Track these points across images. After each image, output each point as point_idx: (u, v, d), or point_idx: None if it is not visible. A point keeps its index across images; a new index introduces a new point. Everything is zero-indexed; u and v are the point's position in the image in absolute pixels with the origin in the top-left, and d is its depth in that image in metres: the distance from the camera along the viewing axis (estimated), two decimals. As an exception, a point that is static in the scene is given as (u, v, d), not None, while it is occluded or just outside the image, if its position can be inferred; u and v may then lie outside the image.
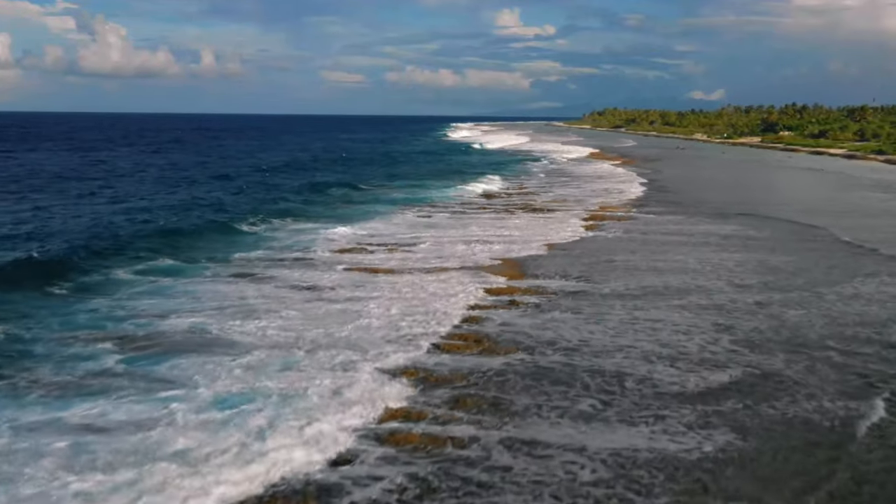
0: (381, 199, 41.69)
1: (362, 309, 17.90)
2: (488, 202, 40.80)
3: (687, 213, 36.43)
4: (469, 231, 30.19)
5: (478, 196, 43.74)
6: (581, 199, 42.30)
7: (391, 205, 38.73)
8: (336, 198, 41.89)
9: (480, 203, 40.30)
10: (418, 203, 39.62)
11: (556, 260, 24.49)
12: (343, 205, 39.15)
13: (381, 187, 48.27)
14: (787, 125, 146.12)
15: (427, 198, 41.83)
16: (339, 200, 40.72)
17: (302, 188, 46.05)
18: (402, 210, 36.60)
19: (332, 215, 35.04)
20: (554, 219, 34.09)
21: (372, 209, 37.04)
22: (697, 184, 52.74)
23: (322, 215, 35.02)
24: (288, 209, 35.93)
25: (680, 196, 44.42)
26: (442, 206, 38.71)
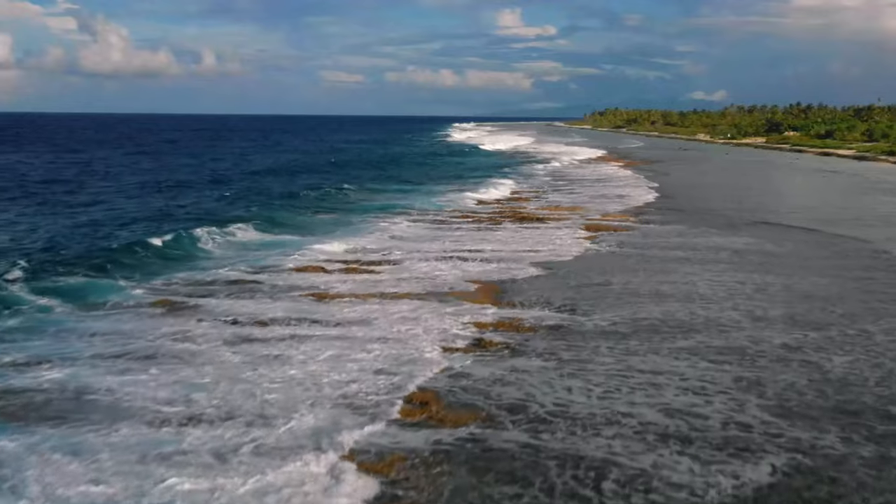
0: (363, 207, 37.86)
1: (289, 357, 14.20)
2: (479, 210, 37.01)
3: (692, 222, 32.67)
4: (449, 245, 26.47)
5: (469, 203, 39.91)
6: (579, 205, 38.55)
7: (372, 213, 34.99)
8: (314, 205, 38.08)
9: (470, 211, 36.50)
10: (403, 211, 35.86)
11: (540, 282, 20.75)
12: (321, 213, 35.35)
13: (368, 192, 44.39)
14: (792, 125, 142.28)
15: (412, 206, 38.03)
16: (316, 208, 36.89)
17: (283, 194, 42.23)
18: (382, 219, 32.84)
19: (303, 225, 31.40)
20: (547, 230, 30.34)
21: (348, 219, 33.30)
22: (703, 188, 48.98)
23: (291, 225, 31.40)
24: (257, 217, 32.15)
25: (684, 202, 40.66)
26: (427, 214, 34.89)
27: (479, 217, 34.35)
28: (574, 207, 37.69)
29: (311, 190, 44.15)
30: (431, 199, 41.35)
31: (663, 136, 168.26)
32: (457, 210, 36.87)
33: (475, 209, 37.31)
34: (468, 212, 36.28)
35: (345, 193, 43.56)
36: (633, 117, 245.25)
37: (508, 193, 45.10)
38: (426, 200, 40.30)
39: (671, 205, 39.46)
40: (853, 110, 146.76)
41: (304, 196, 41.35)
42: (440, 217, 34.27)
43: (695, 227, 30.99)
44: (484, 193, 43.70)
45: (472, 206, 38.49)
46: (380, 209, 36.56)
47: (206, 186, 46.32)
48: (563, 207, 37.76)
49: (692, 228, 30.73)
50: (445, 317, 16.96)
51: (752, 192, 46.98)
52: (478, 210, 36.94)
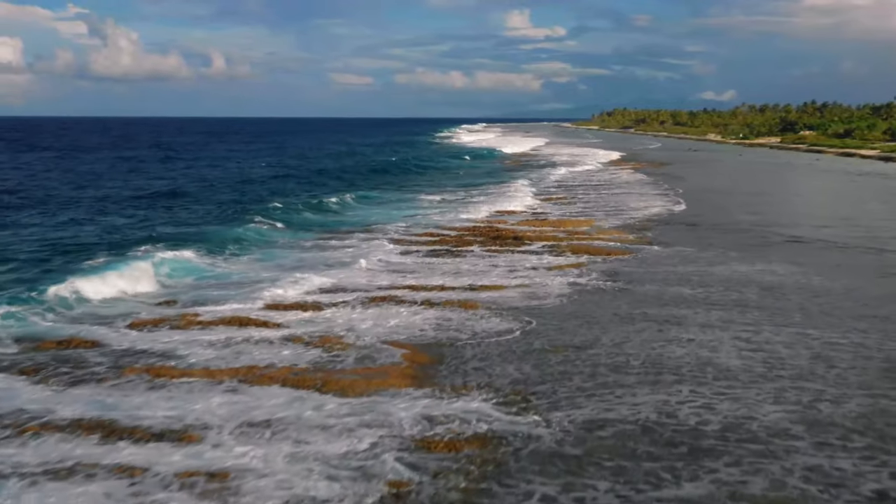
0: (317, 225, 31.46)
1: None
2: (451, 232, 30.71)
3: (707, 240, 26.28)
4: (392, 281, 20.24)
5: (447, 220, 33.45)
6: (569, 219, 32.21)
7: (336, 233, 28.75)
8: (256, 226, 31.47)
9: (443, 234, 30.19)
10: (374, 231, 29.62)
11: (490, 348, 14.43)
12: (258, 245, 28.18)
13: (339, 206, 37.80)
14: (807, 124, 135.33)
15: (389, 223, 31.65)
16: (258, 232, 30.14)
17: (224, 215, 34.09)
18: (328, 245, 26.63)
19: (232, 254, 24.66)
20: (529, 255, 24.04)
21: (298, 242, 27.14)
22: (717, 194, 42.48)
23: (214, 250, 24.76)
24: (170, 243, 25.37)
25: (697, 213, 34.24)
26: (388, 239, 28.58)
27: (445, 239, 28.02)
28: (562, 223, 31.32)
29: (282, 205, 37.36)
30: (398, 213, 35.09)
31: (672, 136, 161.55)
32: (429, 228, 30.55)
33: (451, 232, 30.98)
34: (448, 232, 29.94)
35: (316, 208, 36.87)
36: (642, 117, 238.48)
37: (502, 208, 38.76)
38: (397, 216, 34.01)
39: (681, 216, 33.06)
40: (871, 108, 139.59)
41: (257, 216, 34.28)
42: (402, 236, 28.04)
43: (710, 249, 24.61)
44: (465, 212, 37.00)
45: (452, 227, 32.17)
46: (337, 228, 30.31)
47: (144, 201, 39.90)
48: (548, 222, 31.38)
49: (706, 250, 24.35)
50: (316, 433, 10.64)
51: (775, 200, 40.49)
52: (460, 230, 30.58)
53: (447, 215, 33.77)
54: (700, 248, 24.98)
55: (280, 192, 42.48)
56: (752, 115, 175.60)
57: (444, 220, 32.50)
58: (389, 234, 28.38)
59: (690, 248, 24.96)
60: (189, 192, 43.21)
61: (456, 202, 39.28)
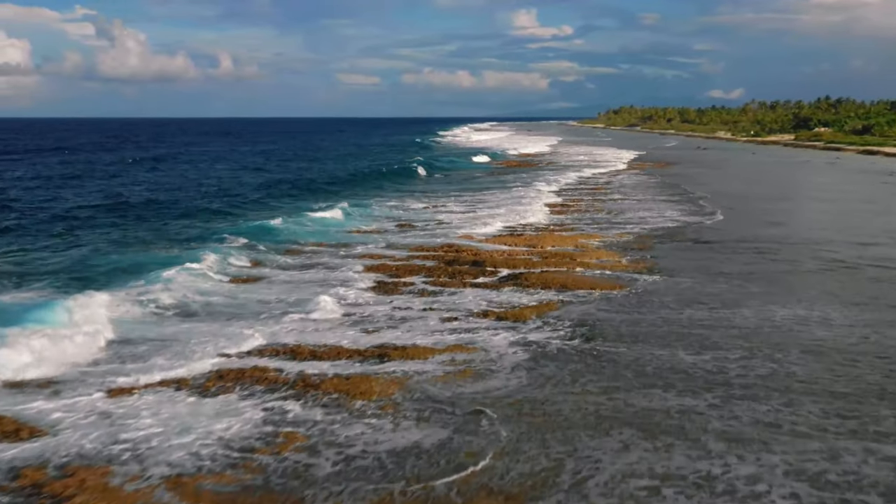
0: (278, 241, 25.36)
1: None
2: (401, 251, 24.75)
3: (721, 267, 20.17)
4: (277, 339, 14.33)
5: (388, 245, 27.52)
6: (555, 234, 26.17)
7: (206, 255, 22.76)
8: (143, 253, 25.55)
9: (389, 256, 24.24)
10: (280, 252, 23.69)
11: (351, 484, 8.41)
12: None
13: (312, 224, 31.93)
14: (821, 120, 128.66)
15: (303, 236, 25.87)
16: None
17: (169, 237, 26.67)
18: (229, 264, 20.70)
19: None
20: (484, 291, 18.06)
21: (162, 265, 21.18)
22: (732, 202, 36.26)
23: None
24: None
25: (707, 226, 28.13)
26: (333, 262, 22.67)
27: (386, 265, 22.03)
28: (542, 239, 25.26)
29: (215, 229, 31.09)
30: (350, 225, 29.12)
31: (680, 133, 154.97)
32: (379, 247, 24.58)
33: (397, 248, 24.99)
34: (388, 250, 23.93)
35: (279, 229, 30.83)
36: (649, 115, 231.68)
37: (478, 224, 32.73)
38: (353, 228, 28.03)
39: (689, 229, 26.95)
40: (888, 104, 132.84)
41: (158, 242, 28.35)
42: (340, 260, 22.14)
43: (724, 278, 18.51)
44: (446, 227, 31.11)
45: (398, 242, 26.19)
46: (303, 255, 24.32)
47: (80, 217, 33.34)
48: (524, 238, 25.30)
49: (720, 281, 18.26)
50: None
51: (800, 207, 34.27)
52: (396, 251, 24.57)
53: (412, 234, 27.77)
54: (711, 277, 18.90)
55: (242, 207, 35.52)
56: (763, 112, 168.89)
57: (405, 237, 26.54)
58: (349, 258, 22.39)
59: (699, 277, 18.87)
60: (150, 202, 35.54)
61: (445, 211, 33.29)
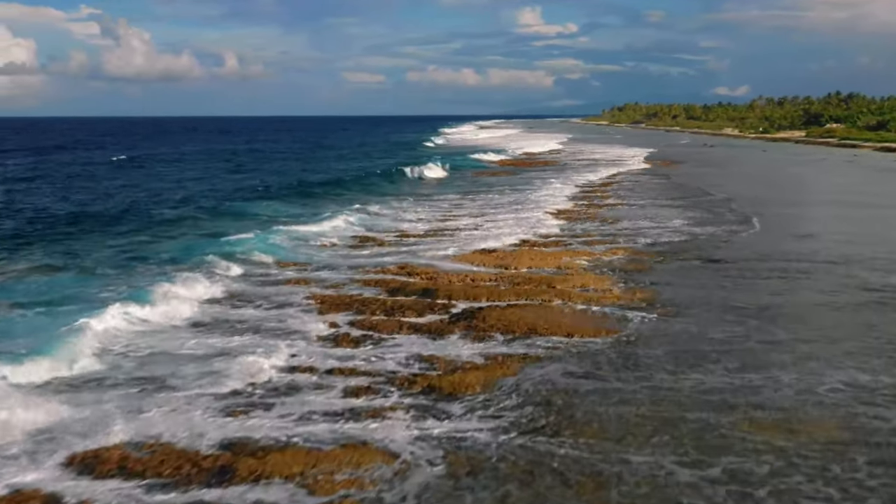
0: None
1: None
2: (339, 276, 20.19)
3: (741, 300, 15.55)
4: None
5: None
6: (538, 251, 21.56)
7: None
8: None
9: (333, 281, 19.66)
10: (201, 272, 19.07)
11: None
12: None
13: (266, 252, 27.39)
14: (833, 116, 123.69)
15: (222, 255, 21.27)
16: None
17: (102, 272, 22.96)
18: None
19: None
20: (418, 339, 13.53)
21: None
22: (750, 208, 31.57)
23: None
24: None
25: (721, 238, 23.48)
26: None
27: (317, 295, 17.47)
28: (518, 256, 20.65)
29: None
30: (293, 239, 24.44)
31: (685, 130, 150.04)
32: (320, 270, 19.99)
33: (349, 270, 20.40)
34: (332, 275, 19.34)
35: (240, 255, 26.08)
36: (653, 112, 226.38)
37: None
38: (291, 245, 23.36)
39: (699, 243, 22.31)
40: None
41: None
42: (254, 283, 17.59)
43: (746, 318, 13.92)
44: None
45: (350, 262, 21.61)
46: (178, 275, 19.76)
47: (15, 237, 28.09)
48: (496, 256, 20.68)
49: (742, 325, 13.66)
50: None
51: (831, 214, 29.43)
52: (344, 275, 19.98)
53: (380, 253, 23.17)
54: (725, 314, 14.31)
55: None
56: (770, 109, 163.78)
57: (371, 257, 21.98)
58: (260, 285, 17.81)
59: (709, 315, 14.28)
60: (104, 216, 29.35)
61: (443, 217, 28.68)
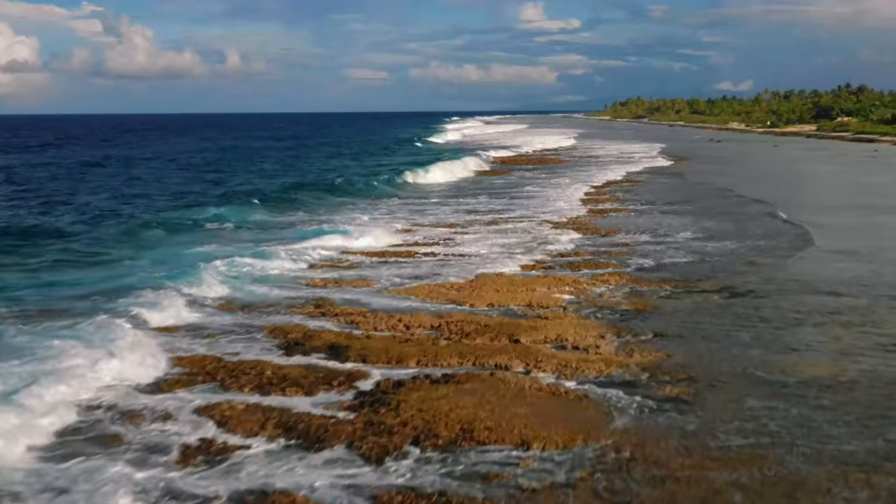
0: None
1: None
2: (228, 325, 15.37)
3: (790, 363, 10.76)
4: None
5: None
6: (514, 276, 16.76)
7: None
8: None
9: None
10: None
11: None
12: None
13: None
14: (844, 109, 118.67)
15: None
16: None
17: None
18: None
19: None
20: (258, 467, 8.70)
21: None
22: (772, 221, 26.71)
23: None
24: None
25: (744, 255, 18.62)
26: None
27: (194, 358, 12.67)
28: (480, 286, 15.86)
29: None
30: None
31: (689, 125, 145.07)
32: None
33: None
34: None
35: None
36: (656, 106, 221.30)
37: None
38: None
39: (711, 267, 17.46)
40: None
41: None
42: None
43: (787, 396, 9.15)
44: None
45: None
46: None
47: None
48: (450, 289, 15.85)
49: (777, 405, 8.89)
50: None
51: (865, 222, 24.45)
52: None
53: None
54: (761, 391, 9.53)
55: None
56: (777, 102, 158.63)
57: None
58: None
59: (740, 393, 9.48)
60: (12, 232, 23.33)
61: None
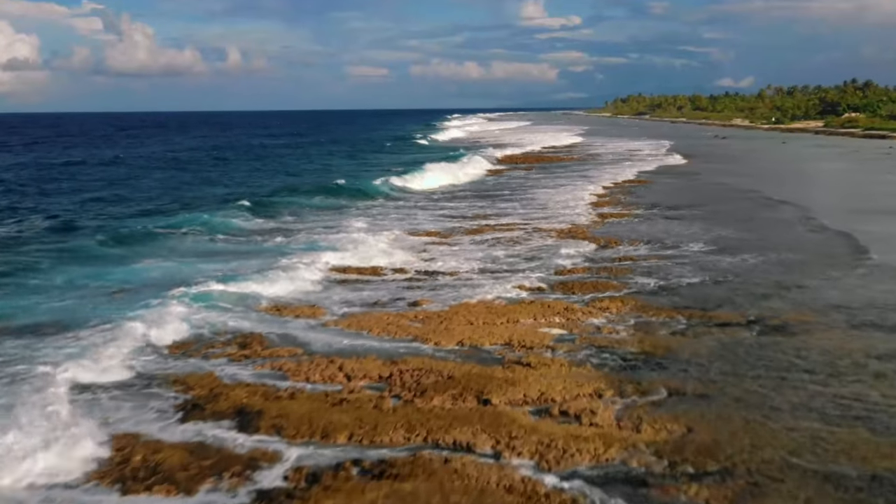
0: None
1: None
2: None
3: (867, 456, 7.42)
4: None
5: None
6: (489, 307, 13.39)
7: None
8: None
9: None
10: None
11: None
12: None
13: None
14: (851, 105, 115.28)
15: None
16: None
17: None
18: None
19: None
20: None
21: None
22: (787, 219, 23.28)
23: None
24: None
25: (780, 279, 15.22)
26: None
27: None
28: (454, 313, 12.52)
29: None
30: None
31: (692, 121, 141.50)
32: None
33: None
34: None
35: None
36: (658, 103, 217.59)
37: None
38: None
39: (733, 290, 14.06)
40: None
41: None
42: None
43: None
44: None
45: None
46: None
47: None
48: (407, 320, 12.52)
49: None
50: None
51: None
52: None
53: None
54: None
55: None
56: (781, 98, 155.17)
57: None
58: None
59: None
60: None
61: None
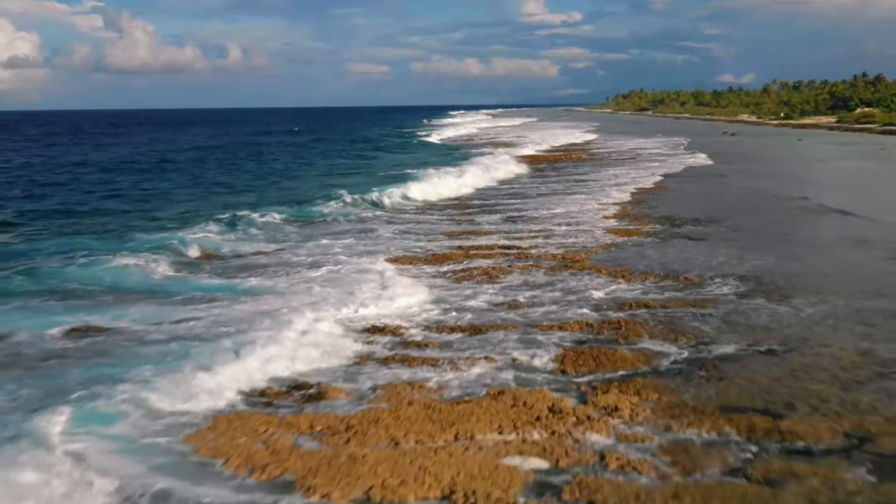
0: None
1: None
2: None
3: None
4: None
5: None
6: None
7: None
8: None
9: None
10: None
11: None
12: None
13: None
14: (863, 100, 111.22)
15: None
16: None
17: None
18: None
19: None
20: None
21: None
22: (835, 243, 19.37)
23: None
24: None
25: (815, 323, 11.33)
26: None
27: None
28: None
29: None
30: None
31: (696, 117, 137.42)
32: None
33: None
34: None
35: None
36: (660, 98, 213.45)
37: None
38: None
39: (772, 339, 10.21)
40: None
41: None
42: None
43: None
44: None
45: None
46: None
47: None
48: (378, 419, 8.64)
49: None
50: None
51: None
52: None
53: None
54: None
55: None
56: (787, 94, 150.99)
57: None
58: None
59: None
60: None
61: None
